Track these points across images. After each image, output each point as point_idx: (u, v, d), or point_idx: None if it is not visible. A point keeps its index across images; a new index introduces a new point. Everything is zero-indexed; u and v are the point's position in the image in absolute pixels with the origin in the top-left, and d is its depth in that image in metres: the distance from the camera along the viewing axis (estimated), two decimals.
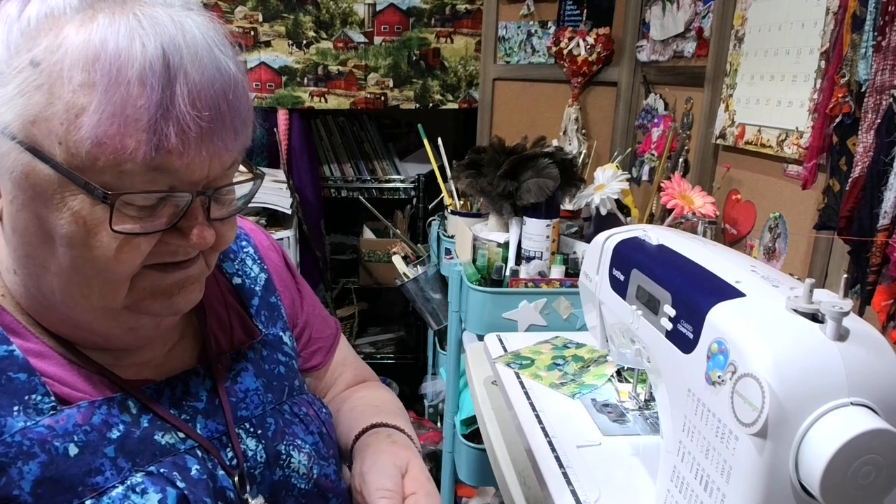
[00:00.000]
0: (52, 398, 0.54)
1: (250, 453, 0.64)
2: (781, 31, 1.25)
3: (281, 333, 0.75)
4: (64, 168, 0.48)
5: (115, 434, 0.56)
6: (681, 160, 1.65)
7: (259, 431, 0.65)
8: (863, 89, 0.97)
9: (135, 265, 0.53)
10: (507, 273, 1.36)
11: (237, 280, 0.74)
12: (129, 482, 0.54)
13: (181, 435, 0.60)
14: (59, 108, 0.47)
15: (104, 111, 0.47)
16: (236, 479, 0.61)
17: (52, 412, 0.54)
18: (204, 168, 0.52)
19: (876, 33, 0.95)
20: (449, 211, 1.72)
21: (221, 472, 0.61)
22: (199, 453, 0.60)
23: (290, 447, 0.66)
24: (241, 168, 0.60)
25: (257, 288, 0.75)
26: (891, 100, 0.92)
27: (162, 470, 0.56)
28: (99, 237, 0.51)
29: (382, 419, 0.75)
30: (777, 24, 1.27)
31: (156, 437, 0.58)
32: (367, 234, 2.82)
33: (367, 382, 0.89)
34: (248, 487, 0.62)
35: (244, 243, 0.77)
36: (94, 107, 0.47)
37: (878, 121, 0.93)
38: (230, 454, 0.62)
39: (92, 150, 0.48)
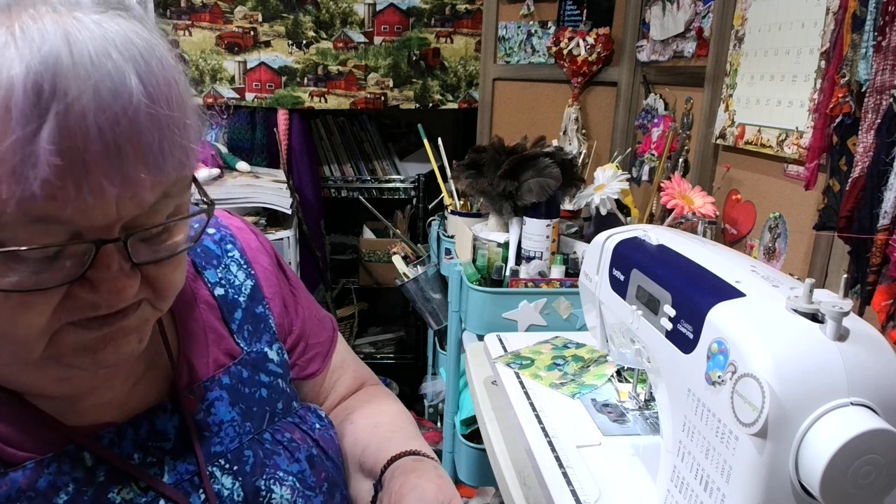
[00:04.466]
0: None
1: (226, 493, 0.58)
2: (781, 31, 1.25)
3: (266, 349, 0.68)
4: None
5: (62, 498, 0.51)
6: (681, 160, 1.65)
7: (235, 467, 0.60)
8: (863, 89, 0.97)
9: (39, 326, 0.45)
10: (507, 273, 1.36)
11: (219, 291, 0.67)
12: None
13: (142, 485, 0.54)
14: None
15: None
16: None
17: None
18: (108, 211, 0.44)
19: (876, 33, 0.95)
20: (449, 211, 1.72)
21: None
22: None
23: (271, 481, 0.61)
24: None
25: (241, 298, 0.68)
26: (891, 100, 0.92)
27: None
28: None
29: (423, 448, 0.70)
30: (777, 24, 1.27)
31: (110, 495, 0.53)
32: (367, 234, 2.82)
33: (371, 388, 0.85)
34: None
35: (229, 247, 0.70)
36: None
37: (879, 121, 0.93)
38: (202, 496, 0.57)
39: None
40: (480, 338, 1.27)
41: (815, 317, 0.58)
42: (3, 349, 0.48)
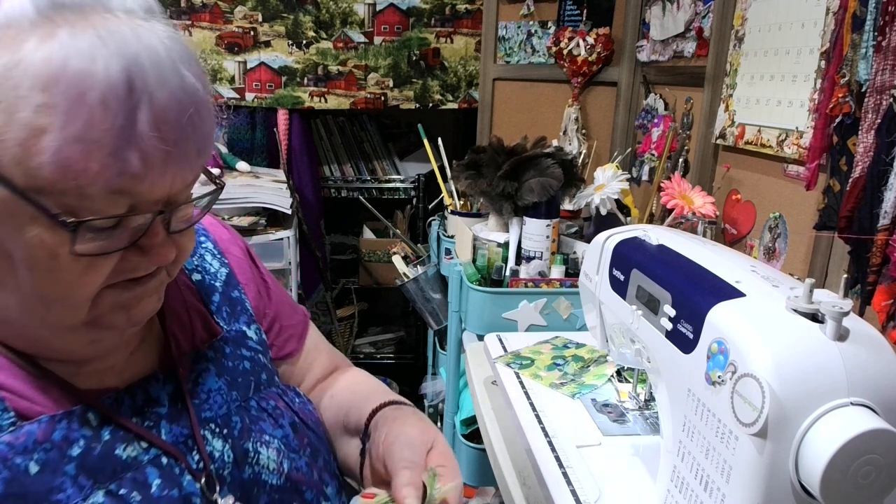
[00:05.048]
0: (12, 413, 0.53)
1: (217, 454, 0.63)
2: (781, 31, 1.25)
3: (244, 328, 0.74)
4: (21, 190, 0.47)
5: (75, 451, 0.55)
6: (681, 160, 1.65)
7: (225, 431, 0.65)
8: (863, 89, 0.97)
9: (97, 286, 0.52)
10: (507, 273, 1.36)
11: (196, 276, 0.73)
12: (90, 501, 0.54)
13: (144, 444, 0.59)
14: (17, 129, 0.46)
15: (66, 135, 0.46)
16: (203, 481, 0.60)
17: (11, 428, 0.53)
18: (166, 188, 0.52)
19: (876, 33, 0.95)
20: (449, 211, 1.72)
21: (188, 478, 0.60)
22: (163, 461, 0.59)
23: (258, 444, 0.66)
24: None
25: (217, 283, 0.74)
26: (891, 100, 0.92)
27: (122, 491, 0.55)
28: (60, 260, 0.50)
29: (399, 399, 0.75)
30: (777, 24, 1.27)
31: (116, 451, 0.57)
32: (367, 234, 2.82)
33: (348, 367, 0.90)
34: (217, 488, 0.61)
35: (202, 238, 0.76)
36: (55, 130, 0.45)
37: (879, 121, 0.93)
38: (196, 457, 0.62)
39: (53, 174, 0.46)
40: (480, 338, 1.27)
41: (815, 317, 0.58)
42: (53, 313, 0.53)
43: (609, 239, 0.85)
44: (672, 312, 0.68)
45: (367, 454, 0.71)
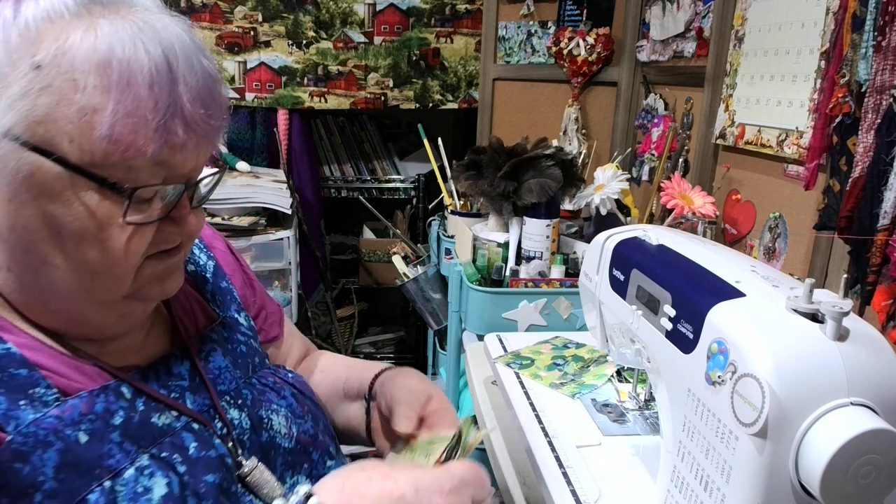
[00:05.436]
0: (55, 390, 0.57)
1: (236, 421, 0.68)
2: (781, 31, 1.25)
3: (236, 315, 0.80)
4: (75, 165, 0.52)
5: (117, 420, 0.59)
6: (681, 160, 1.65)
7: (239, 401, 0.71)
8: (863, 89, 0.97)
9: (140, 254, 0.58)
10: (507, 273, 1.36)
11: (191, 267, 0.78)
12: (137, 464, 0.58)
13: (175, 413, 0.63)
14: (71, 108, 0.51)
15: (119, 112, 0.51)
16: (230, 444, 0.66)
17: (56, 403, 0.56)
18: (193, 161, 0.58)
19: (876, 33, 0.95)
20: (449, 211, 1.72)
21: (217, 441, 0.64)
22: (195, 427, 0.64)
23: (269, 412, 0.72)
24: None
25: (207, 275, 0.80)
26: (891, 100, 0.92)
27: (163, 454, 0.60)
28: (110, 230, 0.55)
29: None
30: (777, 24, 1.27)
31: (153, 419, 0.61)
32: (367, 234, 2.82)
33: (317, 350, 0.99)
34: (239, 451, 0.66)
35: None
36: (110, 108, 0.51)
37: (879, 121, 0.93)
38: (219, 424, 0.67)
39: (107, 148, 0.52)
40: (480, 338, 1.27)
41: (815, 317, 0.58)
42: (99, 285, 0.58)
43: (609, 239, 0.85)
44: (672, 312, 0.68)
45: (373, 411, 0.82)
